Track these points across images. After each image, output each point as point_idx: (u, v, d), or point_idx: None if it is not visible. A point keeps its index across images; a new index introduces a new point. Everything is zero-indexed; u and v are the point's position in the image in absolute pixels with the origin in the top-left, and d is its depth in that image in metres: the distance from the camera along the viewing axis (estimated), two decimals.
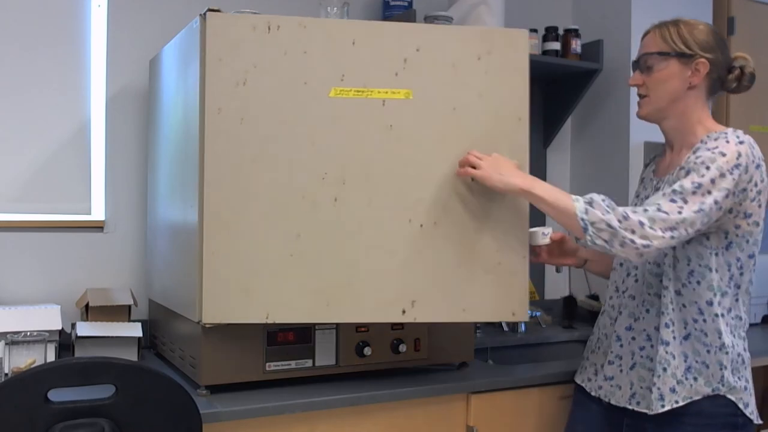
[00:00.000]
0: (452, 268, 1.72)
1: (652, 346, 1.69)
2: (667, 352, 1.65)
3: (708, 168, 1.56)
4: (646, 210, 1.55)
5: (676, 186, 1.57)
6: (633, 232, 1.52)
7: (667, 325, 1.65)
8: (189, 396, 1.49)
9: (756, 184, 1.60)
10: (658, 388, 1.64)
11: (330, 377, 1.85)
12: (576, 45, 2.65)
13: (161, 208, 2.04)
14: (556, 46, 2.63)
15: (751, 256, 1.67)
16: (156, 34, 2.23)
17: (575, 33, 2.65)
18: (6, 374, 1.77)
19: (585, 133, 2.89)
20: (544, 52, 2.63)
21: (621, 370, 1.74)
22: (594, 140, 2.84)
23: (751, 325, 2.87)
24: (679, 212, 1.53)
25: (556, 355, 2.49)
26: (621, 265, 1.81)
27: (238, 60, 1.66)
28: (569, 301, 2.75)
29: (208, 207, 1.67)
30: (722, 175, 1.55)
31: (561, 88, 2.77)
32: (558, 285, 2.87)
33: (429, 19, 2.29)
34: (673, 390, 1.63)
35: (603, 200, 1.58)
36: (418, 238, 1.70)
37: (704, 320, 1.64)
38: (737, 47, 2.78)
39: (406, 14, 2.39)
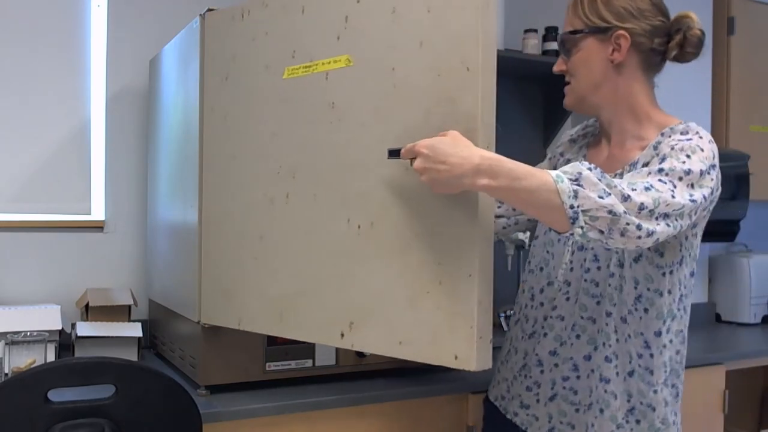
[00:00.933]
0: (388, 285, 1.31)
1: (578, 377, 1.43)
2: (606, 392, 1.40)
3: (689, 156, 1.27)
4: (647, 188, 1.21)
5: (654, 167, 1.26)
6: (636, 215, 1.18)
7: (608, 359, 1.39)
8: (189, 396, 1.49)
9: (714, 194, 1.33)
10: (596, 431, 1.42)
11: (330, 377, 1.85)
12: None
13: (161, 208, 2.04)
14: (556, 46, 2.63)
15: (692, 274, 1.43)
16: (156, 34, 2.23)
17: None
18: (6, 374, 1.77)
19: None
20: (544, 52, 2.63)
21: (538, 401, 1.49)
22: None
23: (751, 325, 2.90)
24: (673, 196, 1.22)
25: None
26: (541, 270, 1.52)
27: (222, 55, 1.63)
28: None
29: (204, 207, 1.66)
30: (705, 172, 1.27)
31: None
32: None
33: None
34: None
35: (591, 170, 1.18)
36: (356, 242, 1.36)
37: (651, 354, 1.38)
38: (737, 47, 2.79)
39: None
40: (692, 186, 1.26)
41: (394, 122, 1.31)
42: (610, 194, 1.16)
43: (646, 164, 1.35)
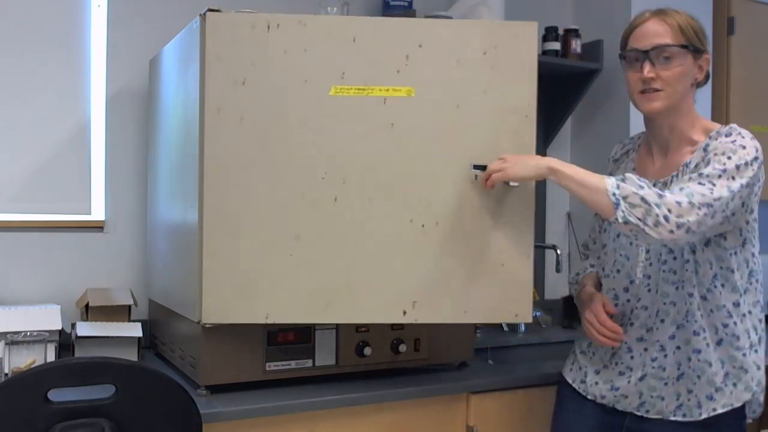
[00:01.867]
0: (454, 269, 1.70)
1: (665, 356, 1.65)
2: (700, 360, 1.61)
3: (729, 157, 1.51)
4: (681, 188, 1.49)
5: (696, 174, 1.52)
6: (669, 210, 1.45)
7: (696, 333, 1.61)
8: (189, 396, 1.49)
9: (760, 180, 1.57)
10: (695, 396, 1.62)
11: (330, 377, 1.85)
12: (576, 45, 2.65)
13: (161, 208, 2.04)
14: (556, 46, 2.63)
15: (754, 255, 1.66)
16: (156, 34, 2.23)
17: (575, 33, 2.65)
18: (6, 374, 1.77)
19: (585, 132, 2.89)
20: (544, 52, 2.63)
21: (629, 381, 1.70)
22: (594, 140, 2.84)
23: None
24: (711, 192, 1.48)
25: (556, 355, 2.48)
26: (618, 272, 1.74)
27: (237, 59, 1.66)
28: (569, 301, 2.74)
29: (208, 207, 1.67)
30: (746, 164, 1.51)
31: (561, 88, 2.77)
32: (558, 285, 2.87)
33: (429, 18, 2.29)
34: (710, 398, 1.61)
35: (638, 178, 1.52)
36: (420, 238, 1.69)
37: (734, 323, 1.61)
38: (737, 47, 2.79)
39: (407, 13, 2.39)
40: (732, 179, 1.50)
41: (458, 147, 1.70)
42: (643, 187, 1.48)
43: (696, 165, 1.58)
